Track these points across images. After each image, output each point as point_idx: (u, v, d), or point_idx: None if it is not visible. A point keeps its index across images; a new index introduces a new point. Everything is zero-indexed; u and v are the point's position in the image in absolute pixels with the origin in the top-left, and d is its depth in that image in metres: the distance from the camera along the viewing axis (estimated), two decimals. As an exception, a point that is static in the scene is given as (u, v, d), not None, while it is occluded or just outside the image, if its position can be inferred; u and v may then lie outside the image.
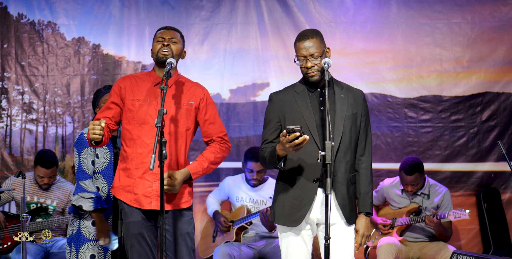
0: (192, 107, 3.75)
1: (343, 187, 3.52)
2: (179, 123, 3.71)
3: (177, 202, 3.72)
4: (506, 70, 6.09)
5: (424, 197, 5.40)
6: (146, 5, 6.18)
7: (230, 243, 5.40)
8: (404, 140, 6.08)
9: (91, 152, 4.31)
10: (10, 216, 5.40)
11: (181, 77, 3.83)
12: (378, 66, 6.11)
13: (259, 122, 6.13)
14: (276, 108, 3.59)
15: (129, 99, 3.72)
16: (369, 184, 3.61)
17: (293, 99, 3.56)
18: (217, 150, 3.82)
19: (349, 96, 3.59)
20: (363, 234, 3.59)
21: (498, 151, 6.01)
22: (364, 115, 3.61)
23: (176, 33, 3.78)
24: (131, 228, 3.70)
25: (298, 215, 3.52)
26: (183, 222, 3.72)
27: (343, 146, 3.52)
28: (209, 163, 3.78)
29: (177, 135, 3.70)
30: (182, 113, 3.71)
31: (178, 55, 3.75)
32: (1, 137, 6.20)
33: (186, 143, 3.76)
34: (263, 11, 6.15)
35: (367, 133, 3.63)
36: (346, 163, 3.53)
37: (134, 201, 3.70)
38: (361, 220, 3.59)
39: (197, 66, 6.09)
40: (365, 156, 3.61)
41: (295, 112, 3.54)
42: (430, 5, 6.11)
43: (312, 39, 3.48)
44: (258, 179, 5.44)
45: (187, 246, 3.71)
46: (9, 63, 6.22)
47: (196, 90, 3.79)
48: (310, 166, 3.49)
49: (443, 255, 5.21)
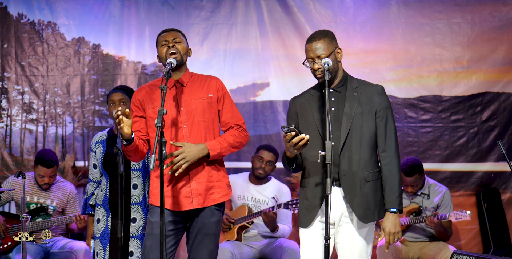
0: (213, 99, 3.79)
1: (354, 185, 3.52)
2: (205, 117, 3.74)
3: (217, 196, 3.77)
4: (506, 70, 6.09)
5: (424, 197, 5.40)
6: (146, 5, 6.18)
7: (231, 242, 5.41)
8: (404, 140, 6.08)
9: (93, 156, 4.50)
10: (10, 216, 5.40)
11: (194, 74, 3.87)
12: (378, 66, 6.11)
13: (259, 122, 6.13)
14: (293, 112, 3.70)
15: (150, 107, 3.76)
16: (393, 180, 3.53)
17: (307, 101, 3.64)
18: (235, 134, 3.80)
19: (362, 94, 3.59)
20: (389, 232, 3.55)
21: (498, 151, 6.01)
22: (380, 110, 3.57)
23: (177, 33, 3.81)
24: (156, 228, 3.71)
25: (310, 216, 3.57)
26: (212, 223, 3.75)
27: (351, 144, 3.52)
28: (228, 145, 3.74)
29: (207, 129, 3.73)
30: (204, 108, 3.75)
31: (185, 54, 3.79)
32: (1, 137, 6.20)
33: (215, 135, 3.78)
34: (263, 11, 6.15)
35: (387, 128, 3.57)
36: (359, 161, 3.52)
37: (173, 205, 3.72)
38: (386, 217, 3.56)
39: (197, 66, 6.06)
40: (387, 152, 3.55)
41: (307, 114, 3.61)
42: (430, 5, 6.11)
43: (320, 41, 3.53)
44: (265, 170, 5.44)
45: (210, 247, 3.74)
46: (9, 63, 6.22)
47: (211, 82, 3.83)
48: (319, 166, 3.51)
49: (443, 255, 5.21)
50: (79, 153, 6.15)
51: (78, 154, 6.15)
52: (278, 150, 5.57)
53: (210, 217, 3.75)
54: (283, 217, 5.45)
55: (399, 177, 3.56)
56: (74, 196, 5.55)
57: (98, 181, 4.47)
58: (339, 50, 3.60)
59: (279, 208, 5.19)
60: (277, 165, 5.54)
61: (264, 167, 5.45)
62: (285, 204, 5.15)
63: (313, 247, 3.60)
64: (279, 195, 5.45)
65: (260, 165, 5.46)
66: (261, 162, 5.46)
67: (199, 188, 3.72)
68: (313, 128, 3.57)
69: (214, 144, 3.70)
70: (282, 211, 5.38)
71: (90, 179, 4.51)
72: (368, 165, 3.55)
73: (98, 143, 4.45)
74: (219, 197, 3.79)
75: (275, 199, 5.43)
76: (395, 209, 3.53)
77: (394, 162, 3.56)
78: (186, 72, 3.81)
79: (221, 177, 3.82)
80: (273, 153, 5.48)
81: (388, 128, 3.58)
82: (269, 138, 6.10)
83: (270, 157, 5.45)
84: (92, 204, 4.51)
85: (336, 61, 3.57)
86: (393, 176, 3.54)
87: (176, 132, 3.71)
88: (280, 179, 5.77)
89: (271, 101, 6.15)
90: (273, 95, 6.15)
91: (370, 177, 3.54)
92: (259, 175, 5.47)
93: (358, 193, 3.52)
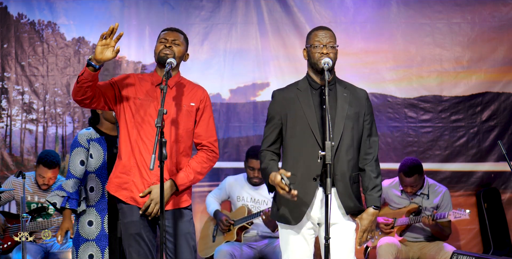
0: (193, 109, 3.75)
1: (344, 186, 3.52)
2: (180, 124, 3.70)
3: (177, 201, 3.71)
4: (506, 70, 6.09)
5: (424, 197, 5.39)
6: (146, 5, 6.18)
7: (231, 242, 5.40)
8: (404, 140, 6.08)
9: (81, 152, 4.36)
10: (10, 216, 5.40)
11: (183, 79, 3.82)
12: (378, 66, 6.11)
13: (259, 122, 6.13)
14: (278, 106, 3.60)
15: (131, 97, 3.71)
16: (375, 179, 3.55)
17: (296, 96, 3.58)
18: (204, 160, 3.77)
19: (351, 95, 3.60)
20: (365, 229, 3.53)
21: (498, 151, 6.01)
22: (367, 114, 3.61)
23: (179, 35, 3.77)
24: (130, 228, 3.69)
25: (298, 213, 3.51)
26: (184, 221, 3.71)
27: (344, 145, 3.52)
28: (196, 174, 3.73)
29: (178, 136, 3.69)
30: (183, 115, 3.70)
31: (180, 57, 3.74)
32: (1, 137, 6.20)
33: (187, 144, 3.75)
34: (263, 11, 6.15)
35: (371, 132, 3.62)
36: (348, 162, 3.53)
37: (130, 198, 3.70)
38: (366, 214, 3.53)
39: (197, 66, 6.09)
40: (372, 154, 3.59)
41: (297, 110, 3.55)
42: (430, 5, 6.12)
43: (330, 32, 3.60)
44: (259, 178, 5.43)
45: (188, 246, 3.70)
46: (9, 63, 6.23)
47: (197, 92, 3.79)
48: (311, 164, 3.48)
49: (443, 255, 5.21)
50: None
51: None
52: None
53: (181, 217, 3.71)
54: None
55: (381, 179, 3.60)
56: (74, 196, 5.54)
57: (81, 178, 4.37)
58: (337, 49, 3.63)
59: (279, 208, 5.19)
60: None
61: (258, 176, 5.44)
62: (285, 204, 5.15)
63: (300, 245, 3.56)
64: (279, 195, 5.45)
65: (253, 174, 5.45)
66: (253, 171, 5.44)
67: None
68: (303, 124, 3.52)
69: (182, 178, 3.67)
70: (282, 211, 5.38)
71: (73, 175, 4.35)
72: (355, 166, 3.57)
73: (93, 141, 4.36)
74: (178, 202, 3.72)
75: (274, 199, 5.43)
76: (377, 207, 3.54)
77: (378, 164, 3.61)
78: (175, 75, 3.76)
79: None
80: None
81: (373, 131, 3.63)
82: (269, 138, 6.09)
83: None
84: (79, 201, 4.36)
85: (335, 59, 3.58)
86: (376, 176, 3.57)
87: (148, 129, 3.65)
88: (280, 179, 5.76)
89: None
90: (273, 95, 6.15)
91: (356, 178, 3.58)
92: (255, 183, 5.47)
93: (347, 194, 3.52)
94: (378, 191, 3.56)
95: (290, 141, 3.56)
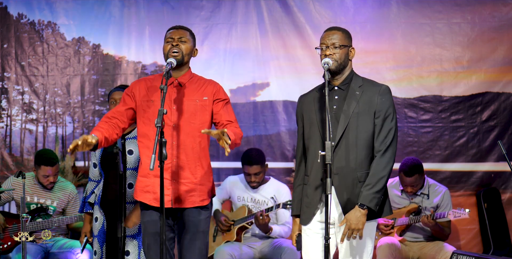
0: (206, 102, 3.77)
1: (348, 185, 3.51)
2: (196, 119, 3.73)
3: (196, 199, 3.73)
4: (506, 70, 6.09)
5: (424, 197, 5.40)
6: (146, 5, 6.18)
7: (231, 243, 5.40)
8: (404, 140, 6.08)
9: (92, 155, 4.46)
10: (10, 216, 5.40)
11: (195, 75, 3.86)
12: (378, 66, 6.10)
13: (259, 122, 6.13)
14: (299, 109, 3.75)
15: (144, 100, 3.75)
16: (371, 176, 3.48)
17: (312, 99, 3.66)
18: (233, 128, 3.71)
19: (364, 93, 3.58)
20: (350, 227, 3.45)
21: (498, 151, 6.01)
22: (380, 110, 3.53)
23: (185, 32, 3.80)
24: (149, 227, 3.71)
25: (308, 214, 3.58)
26: (200, 220, 3.74)
27: (346, 144, 3.52)
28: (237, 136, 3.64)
29: (195, 131, 3.71)
30: (197, 109, 3.74)
31: (189, 54, 3.78)
32: (1, 137, 6.20)
33: (203, 138, 3.76)
34: (263, 11, 6.15)
35: (383, 129, 3.52)
36: (354, 160, 3.52)
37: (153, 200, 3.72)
38: (353, 211, 3.46)
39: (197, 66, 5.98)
40: (381, 152, 3.51)
41: (311, 113, 3.63)
42: (430, 5, 6.11)
43: (337, 32, 3.60)
44: (257, 181, 5.43)
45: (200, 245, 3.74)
46: (9, 63, 6.23)
47: (209, 86, 3.81)
48: (319, 166, 3.50)
49: (443, 255, 5.21)
50: (79, 153, 6.15)
51: (78, 154, 6.15)
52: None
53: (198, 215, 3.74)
54: (282, 217, 5.44)
55: (383, 177, 3.49)
56: (75, 196, 5.54)
57: (98, 180, 4.46)
58: (353, 49, 3.64)
59: (278, 208, 5.19)
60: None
61: (255, 180, 5.43)
62: (284, 204, 5.15)
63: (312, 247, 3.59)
64: (278, 195, 5.44)
65: (249, 179, 5.45)
66: (249, 176, 5.44)
67: (180, 189, 3.69)
68: (315, 127, 3.58)
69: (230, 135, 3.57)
70: (281, 211, 5.38)
71: (90, 178, 4.50)
72: (363, 165, 3.53)
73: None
74: (199, 201, 3.75)
75: (274, 199, 5.42)
76: (365, 206, 3.45)
77: (383, 162, 3.50)
78: (187, 72, 3.81)
79: (205, 180, 3.78)
80: (256, 165, 5.38)
81: (385, 128, 3.53)
82: (269, 138, 6.09)
83: (254, 169, 5.38)
84: (91, 202, 4.49)
85: (346, 58, 3.59)
86: (377, 174, 3.48)
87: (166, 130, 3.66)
88: (280, 179, 5.76)
89: (271, 101, 6.15)
90: (273, 95, 6.15)
91: (364, 177, 3.52)
92: (253, 187, 5.47)
93: (350, 192, 3.51)
94: (369, 189, 3.45)
95: (307, 142, 3.64)
